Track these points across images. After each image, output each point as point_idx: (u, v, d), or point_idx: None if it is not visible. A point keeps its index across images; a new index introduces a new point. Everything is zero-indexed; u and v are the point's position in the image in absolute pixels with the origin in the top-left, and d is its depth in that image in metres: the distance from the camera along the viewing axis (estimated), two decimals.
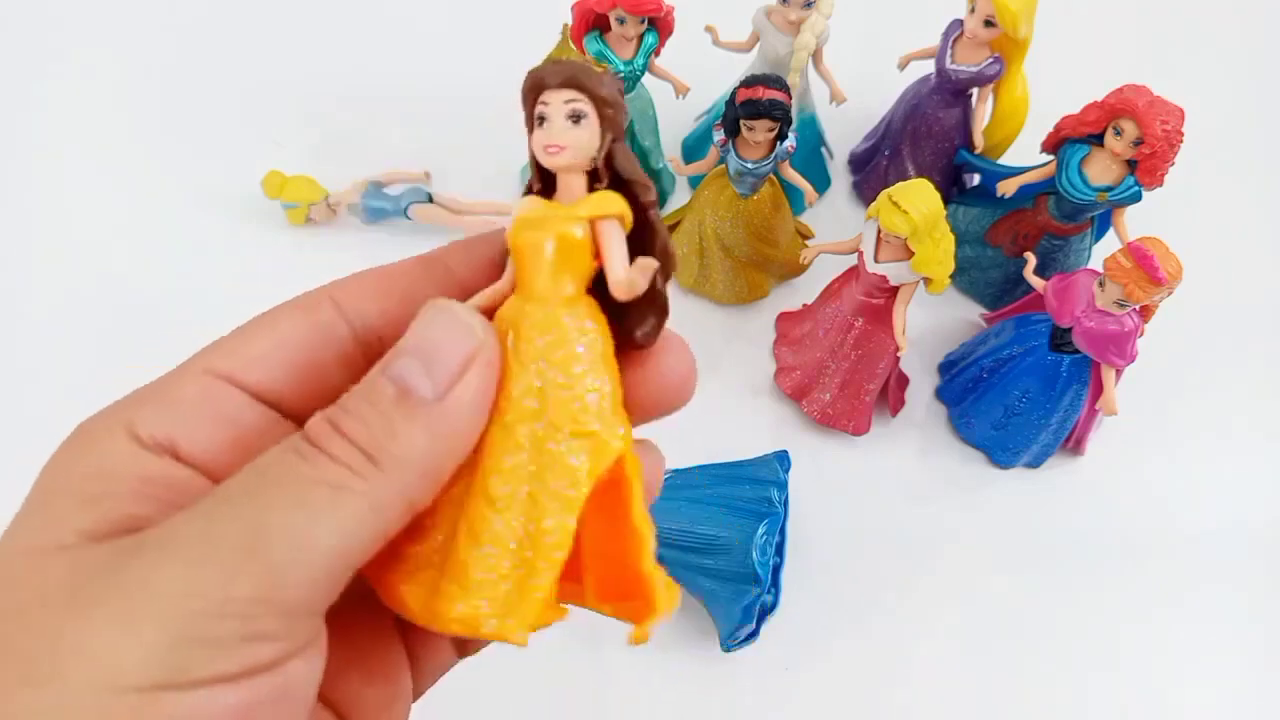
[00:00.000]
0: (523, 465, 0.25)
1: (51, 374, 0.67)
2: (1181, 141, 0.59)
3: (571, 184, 0.27)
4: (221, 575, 0.20)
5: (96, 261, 0.73)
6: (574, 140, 0.26)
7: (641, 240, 0.27)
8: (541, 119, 0.26)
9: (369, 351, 0.27)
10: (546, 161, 0.26)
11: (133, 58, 0.86)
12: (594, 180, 0.27)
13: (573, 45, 0.67)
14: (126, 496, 0.22)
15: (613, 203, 0.26)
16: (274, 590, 0.20)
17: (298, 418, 0.25)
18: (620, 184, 0.27)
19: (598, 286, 0.27)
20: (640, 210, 0.27)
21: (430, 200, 0.74)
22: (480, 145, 0.79)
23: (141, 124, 0.81)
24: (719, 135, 0.64)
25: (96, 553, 0.21)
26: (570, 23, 0.67)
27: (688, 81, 0.70)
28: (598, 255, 0.26)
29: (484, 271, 0.28)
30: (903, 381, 0.69)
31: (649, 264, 0.26)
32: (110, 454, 0.23)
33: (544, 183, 0.27)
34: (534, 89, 0.27)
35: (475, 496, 0.25)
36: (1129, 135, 0.60)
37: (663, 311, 0.27)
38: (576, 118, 0.26)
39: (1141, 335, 0.59)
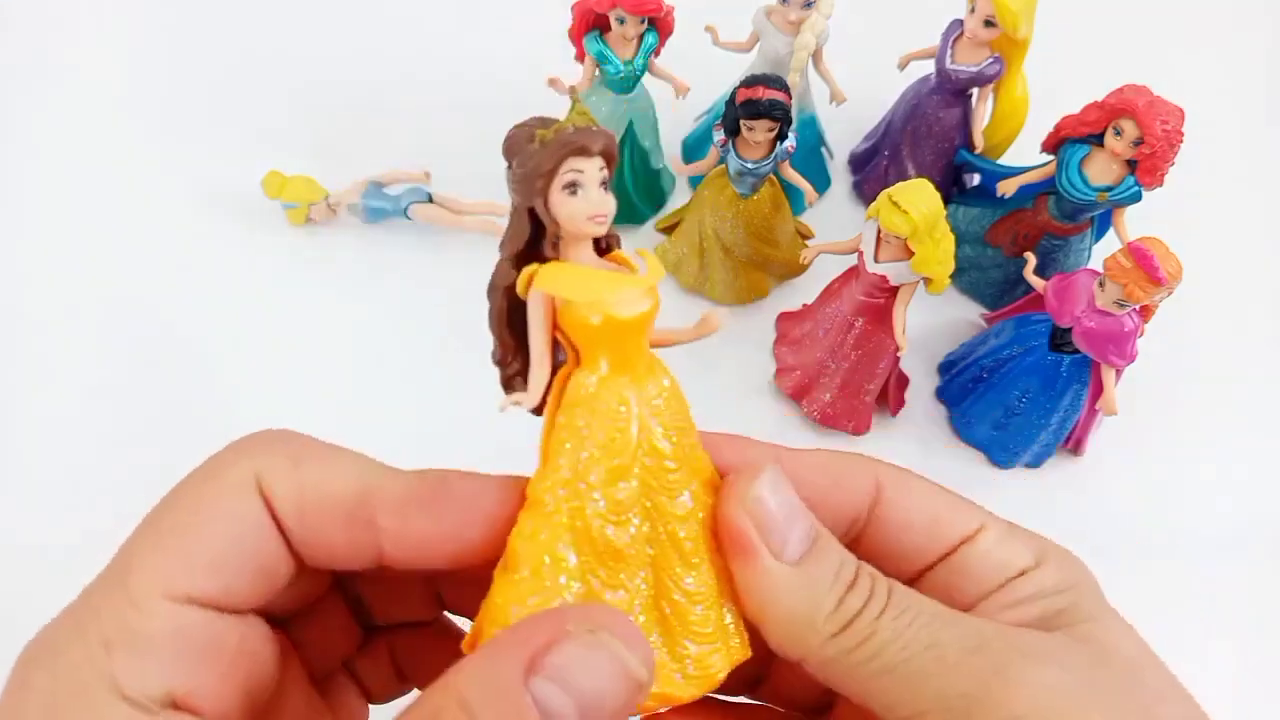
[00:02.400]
0: (699, 525, 0.28)
1: (51, 374, 0.67)
2: (1181, 141, 0.59)
3: (582, 247, 0.28)
4: None
5: (96, 261, 0.73)
6: (611, 208, 0.27)
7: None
8: (575, 186, 0.26)
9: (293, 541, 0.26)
10: (591, 230, 0.27)
11: (132, 57, 0.86)
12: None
13: (584, 108, 0.67)
14: None
15: (660, 265, 0.28)
16: None
17: (248, 606, 0.25)
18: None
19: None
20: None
21: (430, 200, 0.74)
22: (480, 145, 0.78)
23: (141, 124, 0.81)
24: (719, 135, 0.64)
25: None
26: (577, 86, 0.68)
27: (688, 81, 0.70)
28: None
29: (437, 546, 0.27)
30: (903, 381, 0.69)
31: (717, 317, 0.29)
32: None
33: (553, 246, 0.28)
34: (568, 153, 0.26)
35: (674, 571, 0.28)
36: (1129, 135, 0.60)
37: None
38: (606, 185, 0.27)
39: (1141, 335, 0.59)
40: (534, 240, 0.27)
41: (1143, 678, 0.27)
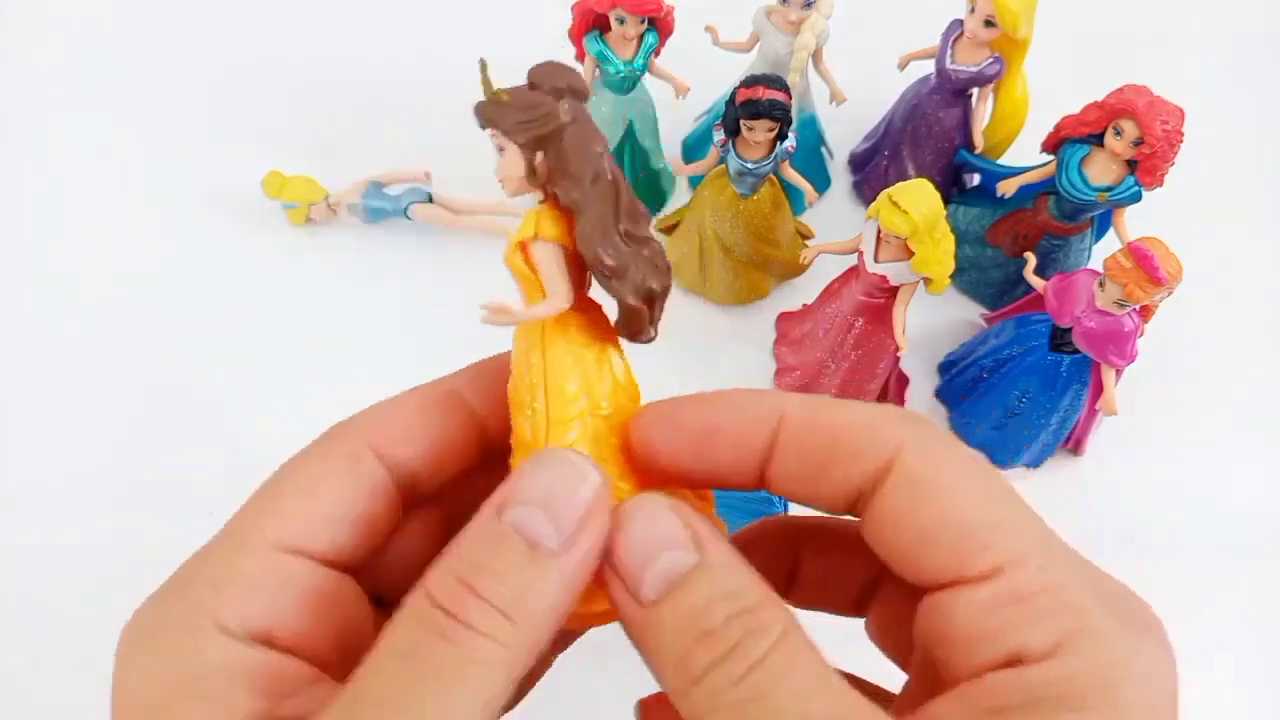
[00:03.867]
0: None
1: (50, 374, 0.67)
2: (1181, 141, 0.59)
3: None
4: None
5: (96, 261, 0.73)
6: (501, 172, 0.27)
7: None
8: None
9: (405, 492, 0.28)
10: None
11: (133, 58, 0.86)
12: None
13: (491, 83, 0.68)
14: (244, 694, 0.22)
15: (526, 226, 0.27)
16: None
17: (354, 567, 0.26)
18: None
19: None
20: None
21: (430, 200, 0.74)
22: (480, 145, 0.78)
23: (141, 124, 0.81)
24: (719, 135, 0.64)
25: None
26: (485, 60, 0.67)
27: (688, 81, 0.70)
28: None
29: (502, 406, 0.28)
30: (903, 381, 0.69)
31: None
32: (209, 650, 0.23)
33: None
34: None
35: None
36: (1129, 135, 0.60)
37: (635, 321, 0.28)
38: (500, 150, 0.27)
39: (1141, 335, 0.59)
40: None
41: None
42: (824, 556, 0.32)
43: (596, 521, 0.24)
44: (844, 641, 0.29)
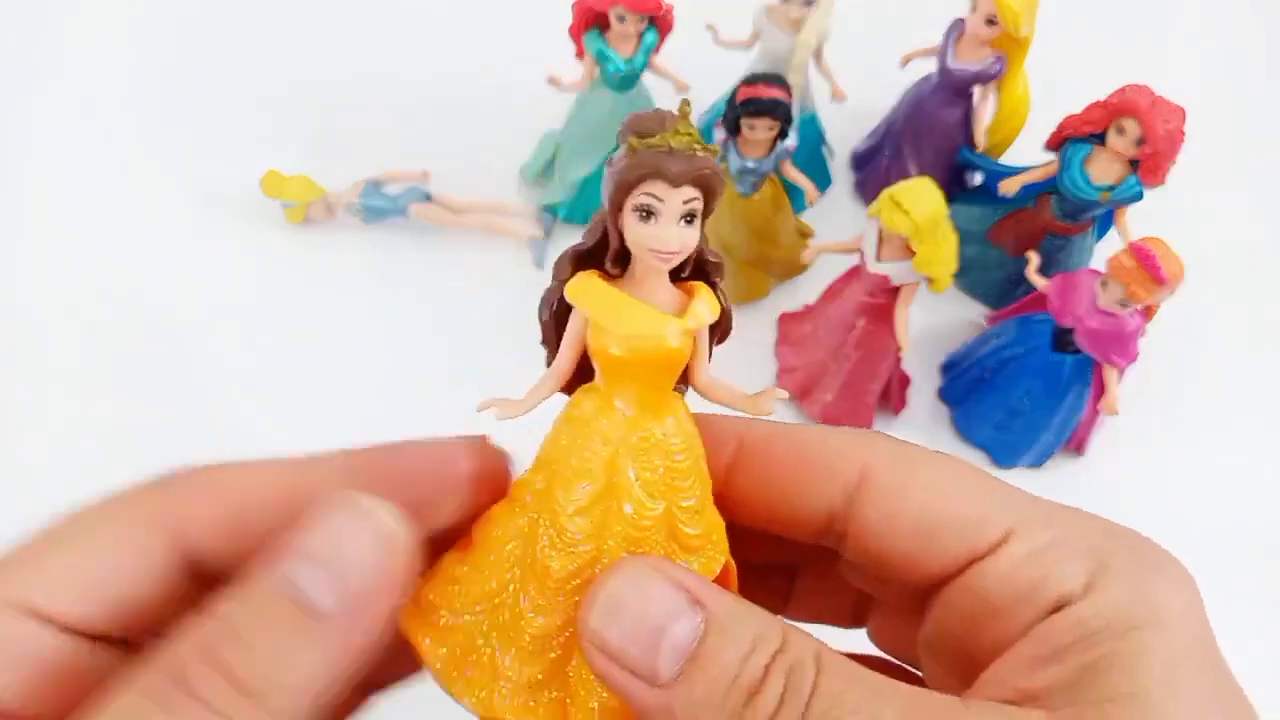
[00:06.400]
0: None
1: (49, 373, 0.67)
2: (1183, 141, 0.59)
3: (653, 273, 0.25)
4: None
5: (94, 260, 0.72)
6: (687, 244, 0.24)
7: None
8: (649, 212, 0.23)
9: (201, 578, 0.23)
10: (652, 262, 0.24)
11: (131, 57, 0.85)
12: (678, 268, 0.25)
13: (689, 126, 0.67)
14: None
15: (713, 307, 0.25)
16: None
17: (110, 638, 0.22)
18: (699, 265, 0.26)
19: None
20: (713, 288, 0.26)
21: (429, 199, 0.73)
22: (480, 144, 0.79)
23: (140, 122, 0.81)
24: (719, 134, 0.64)
25: None
26: (689, 100, 0.67)
27: (688, 80, 0.70)
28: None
29: (231, 534, 0.24)
30: (905, 382, 0.68)
31: (778, 394, 0.25)
32: None
33: (620, 263, 0.25)
34: (645, 175, 0.23)
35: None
36: (1131, 134, 0.60)
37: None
38: (691, 218, 0.24)
39: (1143, 335, 0.59)
40: (604, 245, 0.25)
41: None
42: (819, 570, 0.30)
43: (388, 591, 0.21)
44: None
